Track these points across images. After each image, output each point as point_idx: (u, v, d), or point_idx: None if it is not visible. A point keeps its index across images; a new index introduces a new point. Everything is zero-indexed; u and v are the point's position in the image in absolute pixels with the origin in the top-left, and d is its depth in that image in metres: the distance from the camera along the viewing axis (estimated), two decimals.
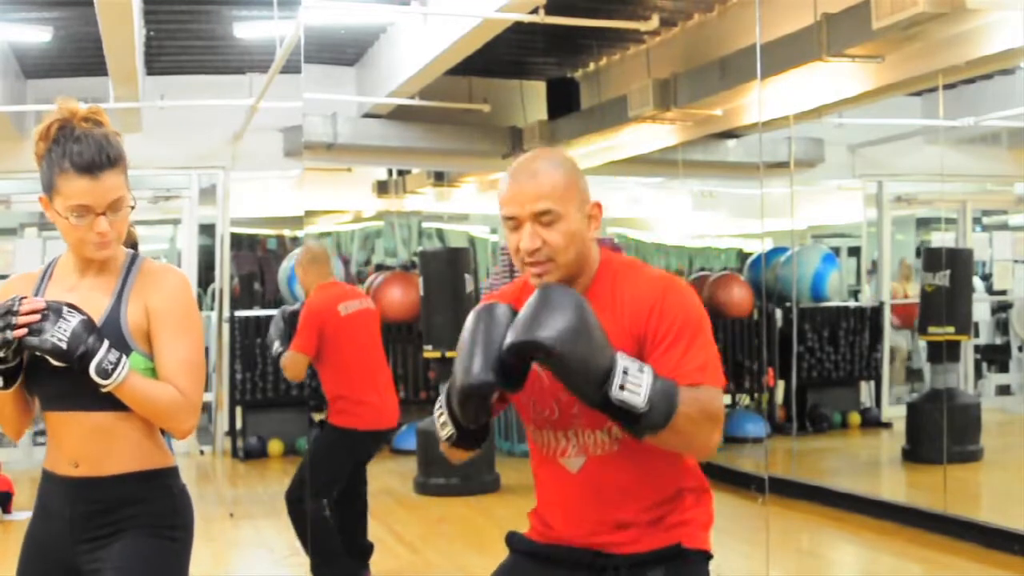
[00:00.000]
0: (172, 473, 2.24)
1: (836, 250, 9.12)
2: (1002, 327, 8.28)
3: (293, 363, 4.83)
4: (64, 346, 2.01)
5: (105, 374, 2.04)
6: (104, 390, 2.06)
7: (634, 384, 1.80)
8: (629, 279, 1.99)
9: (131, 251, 2.27)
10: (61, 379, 2.10)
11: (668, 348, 1.91)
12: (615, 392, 1.79)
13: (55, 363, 2.04)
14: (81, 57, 8.08)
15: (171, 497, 2.21)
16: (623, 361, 1.82)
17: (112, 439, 2.15)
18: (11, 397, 2.15)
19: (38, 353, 2.04)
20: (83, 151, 2.08)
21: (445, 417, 1.95)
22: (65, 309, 2.04)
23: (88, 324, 2.05)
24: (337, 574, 4.80)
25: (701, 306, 2.01)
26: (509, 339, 1.83)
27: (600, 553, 2.03)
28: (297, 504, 4.80)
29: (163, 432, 2.24)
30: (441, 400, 1.96)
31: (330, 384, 4.92)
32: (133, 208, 2.19)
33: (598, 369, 1.80)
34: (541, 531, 2.13)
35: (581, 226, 1.98)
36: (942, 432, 6.39)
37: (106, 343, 2.05)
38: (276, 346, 4.96)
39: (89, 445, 2.14)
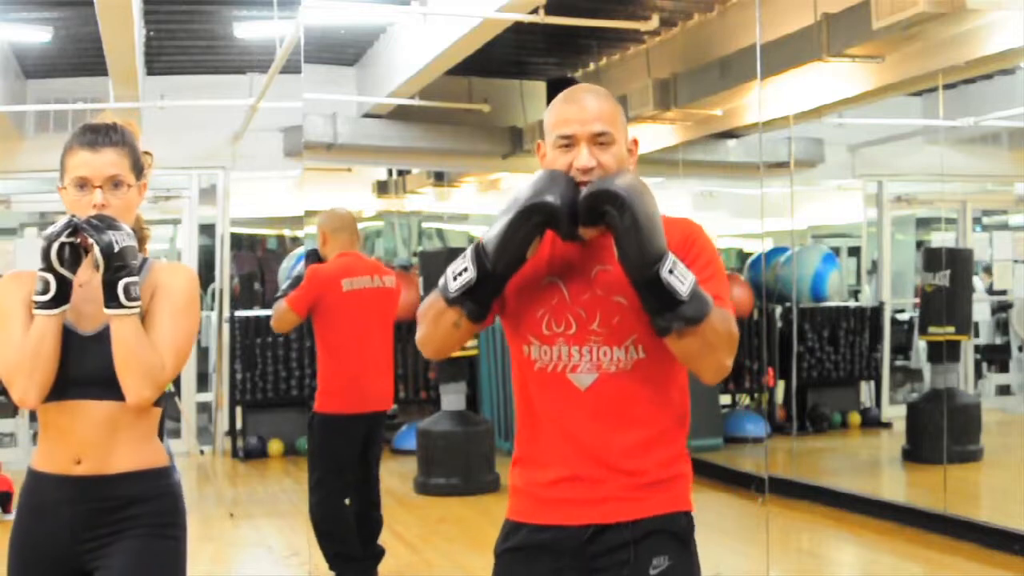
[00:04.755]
0: (171, 472, 2.27)
1: (836, 250, 9.12)
2: (1002, 327, 8.28)
3: (281, 314, 4.68)
4: (117, 248, 2.08)
5: (129, 296, 2.10)
6: (117, 311, 2.10)
7: (681, 275, 1.91)
8: (681, 238, 2.07)
9: (141, 255, 2.30)
10: (78, 364, 2.15)
11: (698, 272, 1.99)
12: (665, 273, 1.89)
13: (97, 263, 2.07)
14: (81, 57, 8.08)
15: (172, 496, 2.24)
16: (673, 255, 1.93)
17: (118, 432, 2.17)
18: (53, 331, 2.13)
19: (88, 243, 2.07)
20: (88, 131, 2.23)
21: (468, 263, 2.00)
22: (129, 230, 2.13)
23: (136, 252, 2.13)
24: (356, 569, 4.79)
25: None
26: (585, 190, 1.95)
27: (598, 529, 2.00)
28: (312, 502, 4.78)
29: (160, 433, 2.27)
30: (465, 252, 2.01)
31: (321, 362, 4.79)
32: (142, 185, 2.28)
33: (656, 244, 1.90)
34: (531, 497, 2.09)
35: (625, 155, 2.09)
36: (942, 432, 6.39)
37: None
38: (283, 287, 4.81)
39: (96, 437, 2.16)
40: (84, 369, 2.15)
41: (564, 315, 2.05)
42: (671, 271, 1.89)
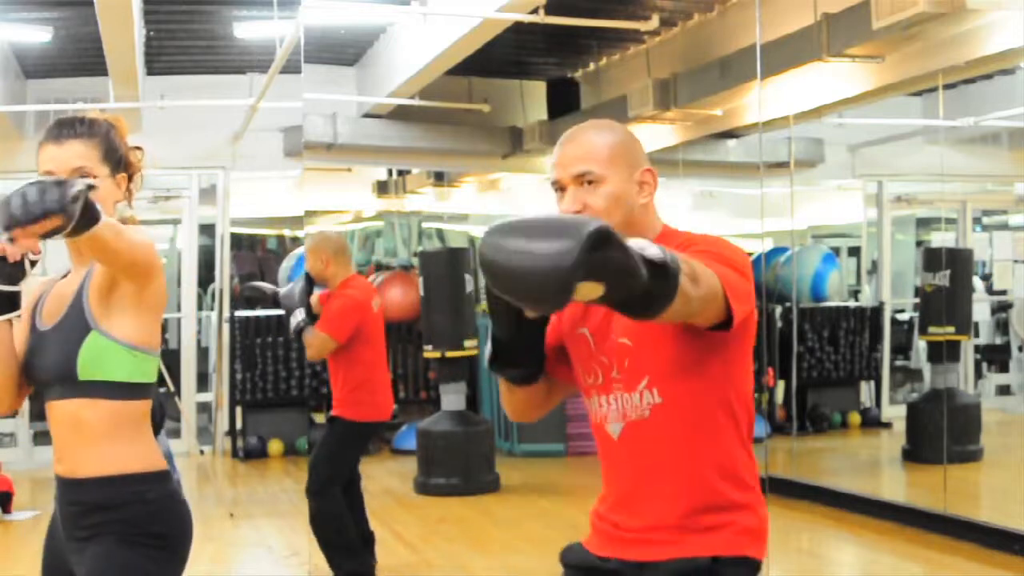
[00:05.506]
0: (149, 479, 2.15)
1: (836, 250, 9.12)
2: (1002, 327, 8.28)
3: (322, 344, 4.87)
4: (42, 203, 1.75)
5: (93, 216, 1.81)
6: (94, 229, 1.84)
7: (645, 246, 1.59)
8: (687, 242, 1.91)
9: None
10: (40, 362, 2.14)
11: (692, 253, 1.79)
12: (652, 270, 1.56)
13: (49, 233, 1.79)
14: (81, 57, 8.08)
15: (143, 503, 2.12)
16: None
17: (85, 431, 2.11)
18: (3, 338, 2.12)
19: (17, 249, 1.95)
20: (56, 124, 2.19)
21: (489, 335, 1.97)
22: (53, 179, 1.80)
23: (71, 183, 1.78)
24: (356, 567, 4.84)
25: (746, 263, 1.91)
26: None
27: (620, 565, 1.99)
28: (320, 499, 4.84)
29: (155, 433, 2.23)
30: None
31: (348, 376, 4.95)
32: (119, 180, 2.22)
33: (635, 271, 1.53)
34: (597, 530, 2.09)
35: (627, 190, 1.95)
36: (942, 432, 6.38)
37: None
38: (298, 316, 4.88)
39: (66, 437, 2.14)
40: (44, 366, 2.14)
41: (592, 366, 2.01)
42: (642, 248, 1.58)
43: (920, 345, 8.33)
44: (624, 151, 1.97)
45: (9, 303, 2.11)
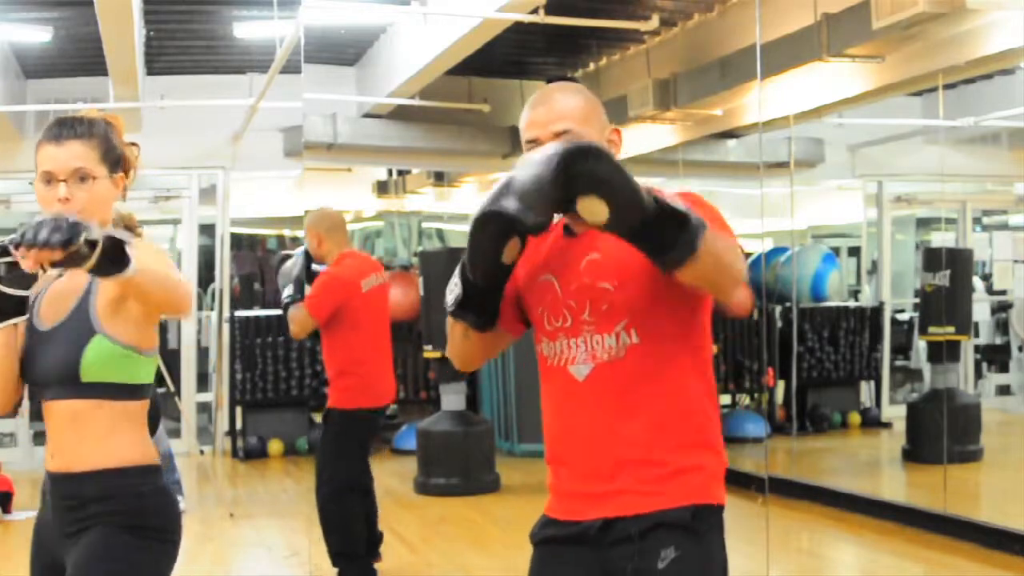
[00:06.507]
0: (145, 471, 2.18)
1: (836, 250, 9.12)
2: (1002, 327, 8.28)
3: (302, 321, 4.72)
4: (75, 241, 1.80)
5: (120, 264, 1.88)
6: (121, 274, 1.90)
7: (673, 202, 1.80)
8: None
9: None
10: (39, 363, 2.15)
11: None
12: (663, 203, 1.77)
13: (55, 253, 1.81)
14: (81, 57, 8.09)
15: (137, 496, 2.15)
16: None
17: (85, 429, 2.14)
18: (8, 342, 2.13)
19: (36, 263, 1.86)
20: (55, 124, 2.19)
21: (457, 277, 2.02)
22: (70, 219, 1.85)
23: (86, 225, 1.84)
24: (359, 567, 4.80)
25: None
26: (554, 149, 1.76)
27: (606, 522, 2.01)
28: (328, 502, 4.78)
29: (151, 432, 2.27)
30: (458, 267, 2.02)
31: (336, 358, 4.81)
32: (120, 187, 2.23)
33: (638, 190, 1.75)
34: (557, 493, 2.11)
35: None
36: (942, 432, 6.38)
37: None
38: (288, 290, 4.78)
39: (64, 435, 2.15)
40: (43, 368, 2.15)
41: (559, 309, 2.06)
42: (661, 200, 1.78)
43: (920, 345, 8.33)
44: (595, 111, 2.09)
45: (18, 307, 2.13)
